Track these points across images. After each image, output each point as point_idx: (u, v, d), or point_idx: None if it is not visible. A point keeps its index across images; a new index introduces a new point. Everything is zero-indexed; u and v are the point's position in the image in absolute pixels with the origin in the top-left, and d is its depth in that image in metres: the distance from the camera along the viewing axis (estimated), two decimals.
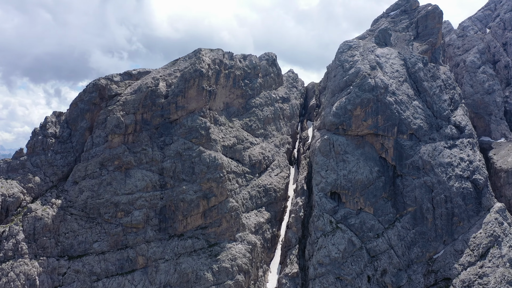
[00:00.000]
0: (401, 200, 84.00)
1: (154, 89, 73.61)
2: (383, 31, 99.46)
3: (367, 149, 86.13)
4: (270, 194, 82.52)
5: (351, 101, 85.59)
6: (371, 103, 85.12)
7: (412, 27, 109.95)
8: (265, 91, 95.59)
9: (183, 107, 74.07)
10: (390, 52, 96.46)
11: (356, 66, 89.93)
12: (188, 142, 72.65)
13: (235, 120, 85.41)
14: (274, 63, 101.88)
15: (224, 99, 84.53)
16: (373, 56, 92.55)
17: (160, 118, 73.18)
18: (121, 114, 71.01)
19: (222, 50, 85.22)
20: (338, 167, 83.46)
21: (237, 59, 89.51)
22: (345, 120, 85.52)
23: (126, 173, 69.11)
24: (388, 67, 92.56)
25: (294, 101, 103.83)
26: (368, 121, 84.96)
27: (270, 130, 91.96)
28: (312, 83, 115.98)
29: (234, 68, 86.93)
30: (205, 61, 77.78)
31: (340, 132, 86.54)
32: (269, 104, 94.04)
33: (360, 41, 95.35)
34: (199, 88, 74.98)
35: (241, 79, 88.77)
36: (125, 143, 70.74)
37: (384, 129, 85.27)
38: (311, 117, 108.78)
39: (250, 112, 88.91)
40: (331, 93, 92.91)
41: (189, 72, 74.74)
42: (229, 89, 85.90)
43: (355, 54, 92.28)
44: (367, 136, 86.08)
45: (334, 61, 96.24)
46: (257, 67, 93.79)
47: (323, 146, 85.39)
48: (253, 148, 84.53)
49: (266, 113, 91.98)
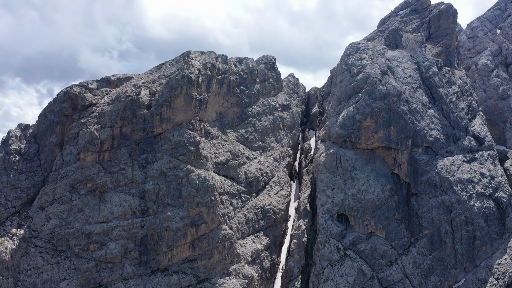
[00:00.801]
0: (417, 222, 73.43)
1: (135, 98, 62.56)
2: (393, 31, 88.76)
3: (378, 165, 75.50)
4: (269, 216, 71.66)
5: (360, 110, 74.88)
6: (382, 112, 74.47)
7: (423, 27, 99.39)
8: (263, 98, 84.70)
9: (168, 119, 63.08)
10: (401, 55, 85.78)
11: (365, 71, 79.16)
12: (174, 160, 61.65)
13: (230, 132, 74.50)
14: (273, 66, 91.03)
15: (216, 108, 73.60)
16: (383, 59, 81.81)
17: (142, 132, 62.18)
18: (96, 128, 59.93)
19: (214, 53, 74.24)
20: (345, 185, 72.79)
21: (231, 63, 78.57)
22: (354, 132, 74.82)
23: (101, 198, 58.07)
24: (400, 72, 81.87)
25: (295, 108, 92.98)
26: (379, 133, 74.32)
27: (268, 142, 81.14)
28: (314, 88, 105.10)
29: (228, 73, 76.01)
30: (195, 66, 66.79)
31: (348, 145, 75.85)
32: (267, 112, 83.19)
33: (368, 43, 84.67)
34: (188, 97, 64.01)
35: (236, 86, 77.87)
36: (100, 162, 59.66)
37: (397, 142, 74.68)
38: (314, 125, 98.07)
39: (247, 122, 78.04)
40: (336, 100, 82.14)
41: (175, 79, 63.73)
42: (223, 97, 74.99)
43: (364, 57, 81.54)
44: (378, 149, 75.47)
45: (340, 65, 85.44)
46: (254, 72, 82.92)
47: (329, 161, 74.67)
48: (250, 163, 73.68)
49: (264, 123, 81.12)
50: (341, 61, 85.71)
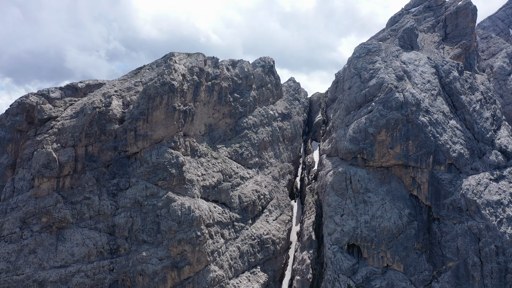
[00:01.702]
0: (439, 252, 62.00)
1: (104, 110, 50.48)
2: (408, 31, 77.10)
3: (394, 185, 63.91)
4: (267, 248, 59.83)
5: (373, 122, 63.20)
6: (399, 124, 62.83)
7: (439, 26, 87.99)
8: (260, 106, 72.78)
9: (145, 136, 51.08)
10: (418, 57, 74.17)
11: (378, 76, 67.44)
12: (152, 186, 49.68)
13: (221, 147, 62.58)
14: (271, 70, 79.10)
15: (205, 120, 61.64)
16: (398, 62, 70.16)
17: (112, 151, 50.13)
18: (55, 148, 47.82)
19: (203, 55, 62.20)
20: (357, 211, 61.16)
21: (223, 67, 66.60)
22: (366, 148, 63.17)
23: (59, 235, 45.99)
24: (418, 77, 70.22)
25: (296, 117, 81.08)
26: (396, 149, 62.70)
27: (266, 158, 69.29)
28: (317, 94, 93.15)
29: (219, 78, 64.05)
30: (179, 71, 54.76)
31: (359, 162, 64.18)
32: (265, 123, 71.30)
33: (380, 44, 72.97)
34: (169, 108, 52.01)
35: (229, 93, 65.95)
36: (58, 190, 47.55)
37: (417, 159, 63.07)
38: (317, 136, 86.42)
39: (241, 135, 66.14)
40: (345, 109, 70.39)
41: (154, 87, 51.70)
42: (213, 107, 63.05)
43: (376, 60, 69.83)
44: (394, 168, 63.93)
45: (348, 69, 73.65)
46: (250, 77, 70.96)
47: (337, 182, 62.99)
48: (245, 184, 61.80)
49: (261, 135, 69.24)
50: (349, 64, 73.94)
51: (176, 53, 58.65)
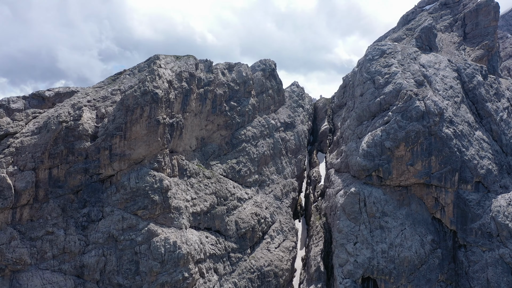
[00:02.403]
0: (467, 284, 53.44)
1: (73, 125, 41.52)
2: (426, 30, 68.18)
3: (415, 208, 55.11)
4: (269, 282, 50.87)
5: (390, 135, 54.34)
6: (420, 138, 54.02)
7: (457, 25, 79.17)
8: (261, 115, 63.82)
9: (123, 156, 42.15)
10: (438, 59, 65.30)
11: (395, 81, 58.52)
12: (130, 217, 40.77)
13: (215, 164, 53.66)
14: (272, 74, 70.10)
15: (197, 133, 52.71)
16: (417, 66, 61.28)
17: (83, 175, 41.18)
18: (11, 171, 38.89)
19: (194, 58, 53.19)
20: (373, 238, 52.34)
21: (218, 71, 57.64)
22: (382, 164, 54.35)
23: (13, 281, 37.03)
24: (439, 82, 61.35)
25: (300, 126, 72.06)
26: (417, 166, 53.93)
27: (267, 174, 60.36)
28: (323, 100, 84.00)
29: (213, 84, 55.12)
30: (164, 77, 45.79)
31: (374, 181, 55.34)
32: (266, 135, 62.36)
33: (396, 45, 64.07)
34: (152, 121, 43.07)
35: (224, 101, 57.02)
36: (14, 224, 38.62)
37: (440, 177, 54.36)
38: (323, 146, 77.54)
39: (239, 149, 57.22)
40: (356, 119, 61.48)
41: (134, 96, 42.74)
42: (206, 117, 54.12)
43: (392, 63, 60.96)
44: (414, 187, 55.24)
45: (359, 72, 64.71)
46: (249, 82, 61.98)
47: (349, 205, 54.12)
48: (243, 207, 52.89)
49: (262, 149, 60.32)
50: (360, 68, 64.98)
51: (162, 55, 49.65)
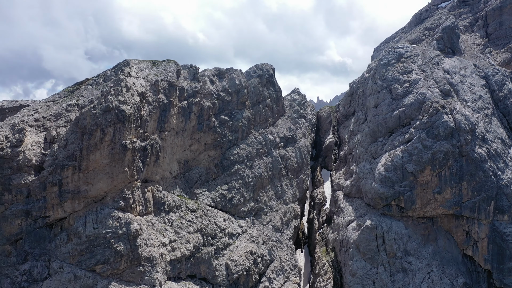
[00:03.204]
0: None
1: (11, 153, 31.51)
2: (449, 30, 58.64)
3: (442, 244, 45.54)
4: None
5: (413, 156, 44.74)
6: (450, 160, 44.49)
7: (478, 25, 69.80)
8: (257, 130, 53.89)
9: (77, 193, 32.17)
10: (463, 64, 55.82)
11: (417, 91, 48.81)
12: (85, 274, 30.80)
13: (202, 192, 43.72)
14: (271, 81, 60.18)
15: (179, 155, 42.76)
16: (441, 72, 51.70)
17: (23, 219, 31.14)
18: None
19: (175, 63, 43.12)
20: (394, 284, 42.76)
21: (206, 78, 47.66)
22: (404, 192, 44.76)
23: None
24: (467, 92, 51.79)
25: (302, 141, 62.16)
26: (445, 193, 44.47)
27: (265, 200, 50.49)
28: (326, 110, 73.97)
29: (200, 95, 45.18)
30: (134, 88, 35.82)
31: (394, 212, 45.70)
32: (263, 153, 52.47)
33: (415, 47, 54.45)
34: (116, 147, 33.14)
35: (213, 115, 47.08)
36: None
37: (473, 207, 45.00)
38: (328, 162, 67.82)
39: (231, 172, 47.29)
40: (370, 135, 51.75)
41: (92, 115, 32.78)
42: (191, 136, 44.17)
43: (412, 68, 51.35)
44: (441, 219, 45.84)
45: (372, 79, 54.95)
46: (243, 91, 52.03)
47: (365, 242, 44.40)
48: (235, 245, 43.01)
49: (258, 170, 50.41)
50: (373, 73, 55.23)
51: (135, 60, 39.54)
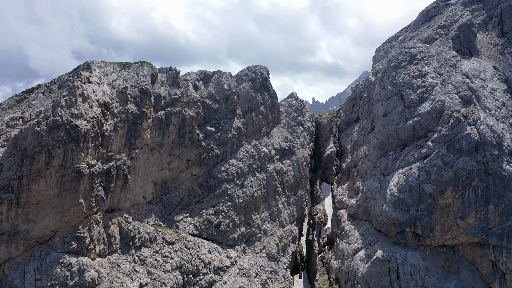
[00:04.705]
0: None
1: None
2: (465, 28, 51.84)
3: (466, 277, 38.70)
4: None
5: (432, 175, 37.89)
6: (475, 179, 37.72)
7: (492, 23, 63.17)
8: (249, 142, 46.69)
9: (15, 234, 24.85)
10: (482, 66, 49.09)
11: (434, 98, 41.86)
12: None
13: (183, 219, 36.51)
14: (265, 85, 52.98)
15: (155, 175, 35.50)
16: (459, 75, 44.88)
17: None
18: None
19: (149, 66, 35.76)
20: None
21: (189, 83, 40.39)
22: (421, 217, 37.92)
23: None
24: (489, 98, 44.99)
25: (300, 152, 55.03)
26: (469, 219, 37.75)
27: (258, 224, 43.35)
28: (326, 116, 66.69)
29: (180, 103, 37.93)
30: (94, 97, 28.54)
31: (410, 240, 38.86)
32: (256, 169, 45.31)
33: (429, 48, 47.59)
34: (68, 173, 25.86)
35: (197, 126, 39.85)
36: None
37: (501, 234, 38.56)
38: (328, 175, 60.79)
39: (218, 193, 40.10)
40: (379, 147, 44.77)
41: (35, 133, 25.51)
42: (169, 152, 36.92)
43: (426, 71, 44.48)
44: (462, 247, 39.02)
45: (380, 83, 47.94)
46: (233, 97, 44.77)
47: (376, 276, 37.45)
48: (221, 282, 35.78)
49: (250, 189, 43.25)
50: (381, 77, 48.18)
51: (99, 63, 32.14)
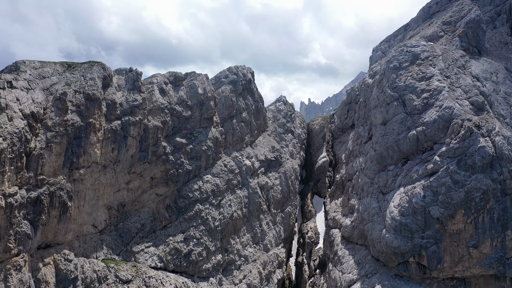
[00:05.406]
0: None
1: None
2: (474, 24, 46.05)
3: None
4: None
5: (440, 195, 32.06)
6: (490, 201, 31.95)
7: (500, 20, 57.63)
8: (228, 154, 40.62)
9: None
10: (493, 68, 43.38)
11: (441, 104, 35.96)
12: None
13: (144, 250, 30.36)
14: (249, 88, 46.88)
15: (109, 198, 29.36)
16: (469, 78, 39.11)
17: None
18: None
19: (101, 67, 29.52)
20: None
21: (155, 87, 34.25)
22: (426, 245, 32.11)
23: None
24: (503, 104, 39.22)
25: (289, 163, 48.92)
26: (484, 247, 31.98)
27: (238, 249, 37.29)
28: (319, 121, 60.56)
29: (142, 110, 31.81)
30: (17, 106, 22.37)
31: (414, 272, 32.99)
32: (236, 185, 39.23)
33: (434, 46, 41.80)
34: None
35: (163, 137, 33.75)
36: None
37: None
38: (321, 187, 54.83)
39: (189, 216, 34.01)
40: (377, 161, 38.86)
41: None
42: (128, 169, 30.78)
43: (432, 73, 38.66)
44: (475, 280, 33.12)
45: (379, 87, 42.00)
46: (208, 103, 38.64)
47: None
48: None
49: (229, 209, 37.17)
50: (380, 79, 42.24)
51: (34, 63, 25.91)
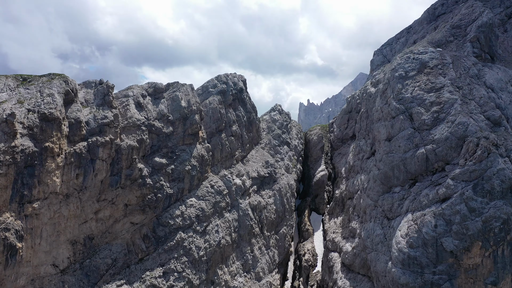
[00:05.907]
0: None
1: None
2: (486, 28, 42.07)
3: None
4: None
5: (454, 225, 28.00)
6: (511, 231, 27.73)
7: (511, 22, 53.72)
8: (216, 172, 36.62)
9: None
10: (506, 76, 39.42)
11: (453, 120, 31.99)
12: None
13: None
14: (240, 97, 42.84)
15: (74, 232, 25.33)
16: (483, 89, 35.15)
17: None
18: None
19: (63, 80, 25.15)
20: None
21: (130, 101, 30.24)
22: (438, 282, 28.06)
23: None
24: None
25: (285, 179, 44.87)
26: (504, 283, 28.17)
27: (226, 280, 33.19)
28: (317, 131, 56.46)
29: (112, 129, 27.79)
30: None
31: None
32: (224, 207, 35.22)
33: (444, 53, 37.83)
34: None
35: (140, 158, 29.75)
36: None
37: None
38: (319, 204, 50.78)
39: (169, 246, 30.03)
40: (381, 181, 34.88)
41: None
42: (97, 196, 26.78)
43: (442, 83, 34.71)
44: None
45: (382, 97, 38.00)
46: (193, 117, 34.56)
47: None
48: None
49: (216, 236, 33.15)
50: (384, 88, 38.24)
51: None
